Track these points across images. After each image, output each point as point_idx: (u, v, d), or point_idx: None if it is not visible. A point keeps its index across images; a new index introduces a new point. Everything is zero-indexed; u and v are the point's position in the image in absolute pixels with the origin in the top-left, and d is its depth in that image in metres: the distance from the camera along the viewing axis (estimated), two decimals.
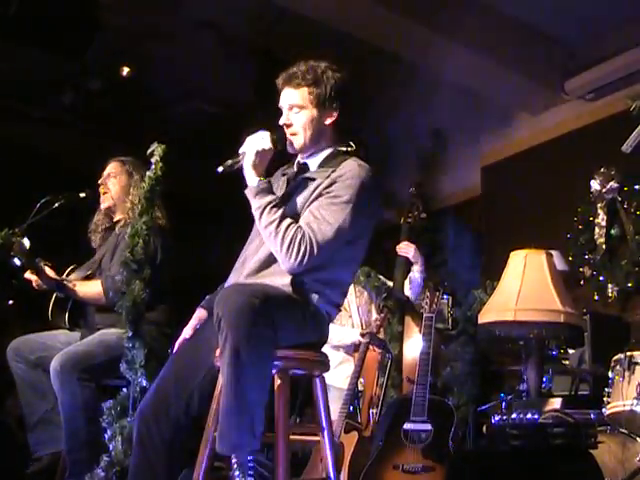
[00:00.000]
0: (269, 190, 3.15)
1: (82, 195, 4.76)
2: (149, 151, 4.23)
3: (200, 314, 3.38)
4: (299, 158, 3.36)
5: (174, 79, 7.33)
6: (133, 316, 4.10)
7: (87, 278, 4.58)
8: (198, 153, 6.74)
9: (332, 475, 3.24)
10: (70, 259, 4.83)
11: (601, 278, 5.71)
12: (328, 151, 3.29)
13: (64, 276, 4.61)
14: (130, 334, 4.10)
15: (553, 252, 4.47)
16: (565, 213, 6.10)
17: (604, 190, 5.77)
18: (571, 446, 3.19)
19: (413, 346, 5.10)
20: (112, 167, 4.76)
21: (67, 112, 7.48)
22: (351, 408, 5.00)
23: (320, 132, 3.26)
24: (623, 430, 3.92)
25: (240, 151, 3.20)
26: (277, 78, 3.32)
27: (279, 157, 3.38)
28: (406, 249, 5.37)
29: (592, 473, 3.09)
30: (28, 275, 4.50)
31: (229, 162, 3.21)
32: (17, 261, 4.40)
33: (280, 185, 3.35)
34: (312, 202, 3.14)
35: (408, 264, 5.37)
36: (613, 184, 5.73)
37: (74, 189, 4.77)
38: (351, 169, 3.16)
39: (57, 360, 4.13)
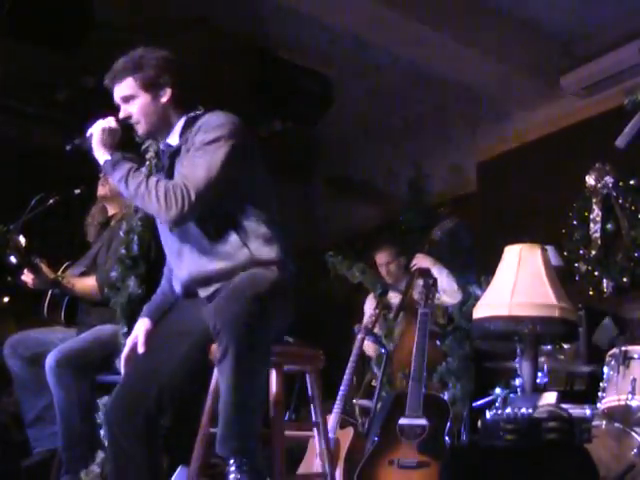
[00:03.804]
0: (125, 159, 3.17)
1: (77, 191, 4.74)
2: (143, 147, 4.23)
3: (147, 326, 3.30)
4: (160, 145, 3.40)
5: None
6: (128, 312, 4.10)
7: (83, 274, 4.58)
8: None
9: (327, 470, 3.26)
10: (65, 256, 4.83)
11: (596, 273, 5.72)
12: (181, 122, 3.29)
13: (60, 273, 4.61)
14: (125, 330, 4.10)
15: (548, 247, 4.46)
16: (560, 208, 6.11)
17: (599, 185, 5.77)
18: (566, 441, 3.19)
19: None
20: None
21: (62, 109, 7.47)
22: None
23: (162, 112, 3.27)
24: (618, 424, 3.94)
25: (87, 133, 3.24)
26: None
27: None
28: (422, 260, 5.37)
29: (587, 467, 3.09)
30: (24, 276, 4.50)
31: (77, 140, 3.27)
32: (13, 259, 4.39)
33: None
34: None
35: (425, 275, 5.34)
36: (608, 179, 5.73)
37: (69, 186, 4.76)
38: (207, 118, 3.20)
39: (52, 356, 4.13)
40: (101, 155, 3.20)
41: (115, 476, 3.08)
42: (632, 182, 5.63)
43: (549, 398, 3.62)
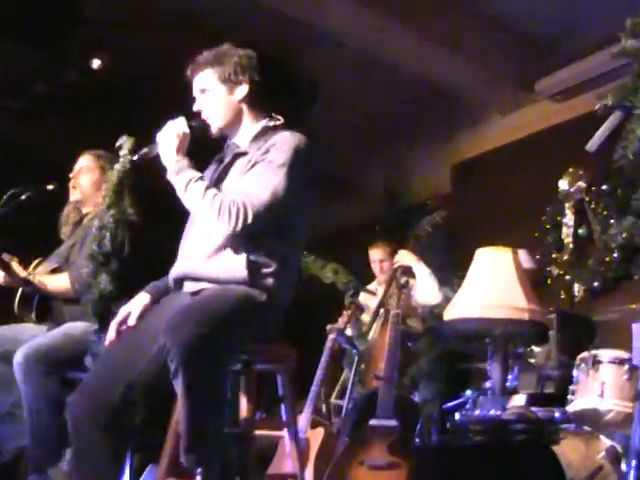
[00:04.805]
0: (189, 167, 3.14)
1: (50, 187, 4.71)
2: (117, 144, 4.21)
3: (145, 300, 3.27)
4: (228, 141, 3.37)
5: (152, 71, 7.28)
6: (99, 309, 4.08)
7: (54, 271, 4.55)
8: None
9: (297, 470, 3.26)
10: (38, 253, 4.80)
11: (568, 277, 5.73)
12: (257, 127, 3.30)
13: (31, 269, 4.58)
14: (96, 327, 4.08)
15: (521, 251, 4.49)
16: (534, 212, 6.13)
17: (572, 190, 5.79)
18: (533, 442, 3.21)
19: None
20: (85, 161, 4.71)
21: (41, 104, 7.43)
22: None
23: (233, 108, 3.28)
24: (587, 427, 3.97)
25: (157, 139, 3.21)
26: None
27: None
28: (404, 257, 5.30)
29: (554, 469, 3.12)
30: None
31: (145, 150, 3.27)
32: None
33: (215, 170, 3.34)
34: (247, 172, 3.14)
35: (406, 274, 5.31)
36: (581, 184, 5.75)
37: (46, 181, 4.73)
38: (284, 136, 3.19)
39: (21, 353, 4.09)
40: (168, 161, 3.16)
41: (75, 471, 3.05)
42: (604, 187, 5.64)
43: (518, 400, 3.65)
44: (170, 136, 3.17)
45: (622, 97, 2.60)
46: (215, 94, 3.27)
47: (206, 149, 3.35)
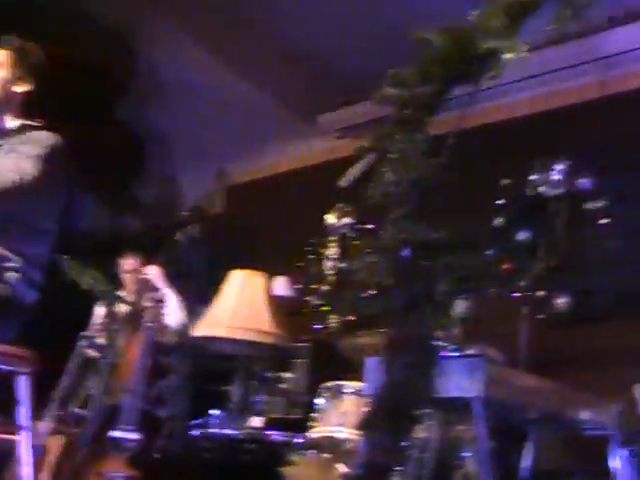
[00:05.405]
0: None
1: None
2: None
3: None
4: None
5: None
6: None
7: None
8: None
9: (29, 477, 3.19)
10: None
11: (326, 308, 5.89)
12: (16, 123, 3.33)
13: None
14: None
15: (280, 278, 4.58)
16: (301, 242, 6.27)
17: (338, 225, 5.97)
18: (262, 463, 3.29)
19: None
20: None
21: None
22: None
23: (7, 96, 3.32)
24: (325, 454, 4.10)
25: None
26: None
27: None
28: (153, 275, 5.24)
29: None
30: None
31: None
32: None
33: None
34: None
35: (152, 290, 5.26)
36: (347, 220, 5.94)
37: None
38: (41, 133, 3.26)
39: None
40: None
41: None
42: (369, 226, 5.85)
43: (256, 422, 3.73)
44: None
45: (378, 141, 2.74)
46: (1, 73, 3.29)
47: None
